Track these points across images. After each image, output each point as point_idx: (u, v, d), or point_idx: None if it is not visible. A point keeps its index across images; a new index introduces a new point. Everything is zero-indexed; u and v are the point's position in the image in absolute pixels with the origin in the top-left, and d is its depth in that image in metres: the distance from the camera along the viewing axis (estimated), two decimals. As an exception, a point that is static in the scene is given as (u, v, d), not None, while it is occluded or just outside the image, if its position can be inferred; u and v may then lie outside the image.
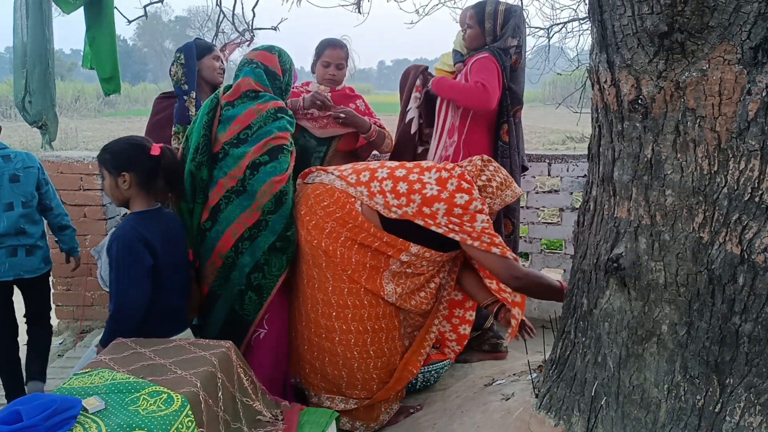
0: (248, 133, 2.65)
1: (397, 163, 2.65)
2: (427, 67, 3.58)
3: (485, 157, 2.69)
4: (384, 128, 3.51)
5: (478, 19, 3.42)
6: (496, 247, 2.45)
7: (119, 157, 2.31)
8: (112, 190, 2.33)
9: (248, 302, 2.62)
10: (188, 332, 2.47)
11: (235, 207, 2.60)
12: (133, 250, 2.23)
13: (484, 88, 3.22)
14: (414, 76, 3.52)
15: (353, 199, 2.57)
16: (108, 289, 2.39)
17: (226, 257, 2.60)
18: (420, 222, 2.48)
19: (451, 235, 2.47)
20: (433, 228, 2.47)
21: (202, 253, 2.65)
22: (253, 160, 2.60)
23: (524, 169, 3.62)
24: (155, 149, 2.33)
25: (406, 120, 3.47)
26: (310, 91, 3.37)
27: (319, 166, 2.88)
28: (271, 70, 2.80)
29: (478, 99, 3.23)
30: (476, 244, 2.45)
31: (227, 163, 2.62)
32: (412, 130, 3.46)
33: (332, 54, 3.36)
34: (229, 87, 2.78)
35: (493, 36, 3.40)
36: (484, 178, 2.59)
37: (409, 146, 3.52)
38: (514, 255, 2.50)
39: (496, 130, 3.42)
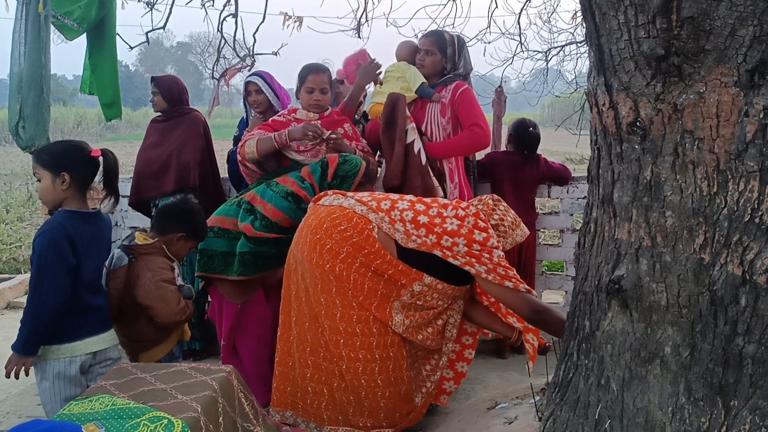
0: (273, 183, 3.16)
1: (415, 198, 2.70)
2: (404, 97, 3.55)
3: (495, 196, 2.76)
4: (370, 153, 3.48)
5: (440, 46, 3.57)
6: (509, 281, 2.47)
7: (59, 157, 2.33)
8: (48, 191, 2.33)
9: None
10: (112, 332, 2.48)
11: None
12: (58, 246, 2.24)
13: (481, 129, 3.49)
14: (403, 107, 3.45)
15: (371, 225, 2.58)
16: None
17: None
18: (438, 253, 2.49)
19: (466, 268, 2.49)
20: (451, 260, 2.49)
21: None
22: (252, 205, 3.12)
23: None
24: (95, 151, 2.37)
25: (415, 151, 3.44)
26: (298, 119, 3.34)
27: (335, 190, 2.89)
28: (324, 170, 3.12)
29: (479, 143, 3.54)
30: (490, 277, 2.47)
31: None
32: (423, 162, 3.45)
33: (315, 79, 3.34)
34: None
35: (453, 63, 3.58)
36: (496, 217, 2.66)
37: (420, 176, 3.48)
38: (527, 288, 2.52)
39: None
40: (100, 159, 2.39)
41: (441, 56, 3.56)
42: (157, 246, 2.68)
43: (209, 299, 3.37)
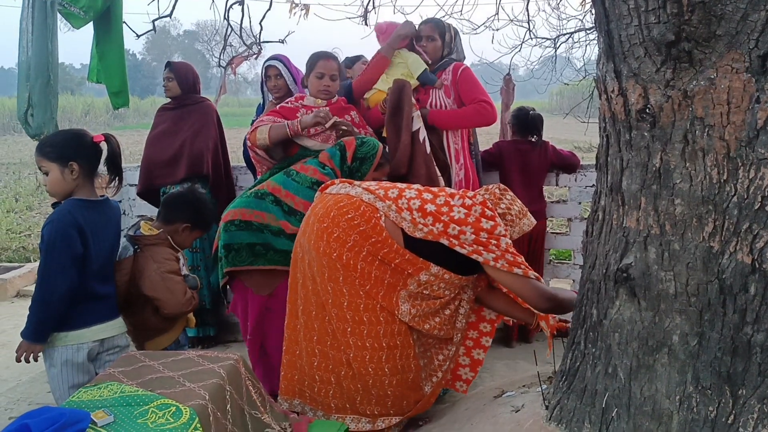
0: (293, 173, 3.15)
1: (423, 187, 2.69)
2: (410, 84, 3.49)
3: (502, 186, 2.75)
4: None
5: (440, 31, 3.63)
6: (518, 267, 2.46)
7: (63, 147, 2.32)
8: (58, 183, 2.31)
9: None
10: (119, 320, 2.49)
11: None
12: (66, 234, 2.24)
13: (489, 105, 3.49)
14: (409, 93, 3.41)
15: (379, 214, 2.57)
16: None
17: None
18: (445, 242, 2.48)
19: (474, 256, 2.47)
20: (458, 248, 2.47)
21: None
22: (276, 196, 3.10)
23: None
24: (98, 137, 2.37)
25: (420, 139, 3.41)
26: (306, 106, 3.34)
27: (342, 179, 2.88)
28: (343, 153, 3.14)
29: (486, 118, 3.50)
30: (498, 264, 2.45)
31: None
32: (428, 150, 3.43)
33: (325, 65, 3.33)
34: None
35: (449, 49, 3.65)
36: (503, 206, 2.65)
37: (425, 164, 3.44)
38: (536, 275, 2.51)
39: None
40: (103, 144, 2.39)
41: (441, 42, 3.61)
42: (162, 237, 2.68)
43: (227, 288, 3.34)
